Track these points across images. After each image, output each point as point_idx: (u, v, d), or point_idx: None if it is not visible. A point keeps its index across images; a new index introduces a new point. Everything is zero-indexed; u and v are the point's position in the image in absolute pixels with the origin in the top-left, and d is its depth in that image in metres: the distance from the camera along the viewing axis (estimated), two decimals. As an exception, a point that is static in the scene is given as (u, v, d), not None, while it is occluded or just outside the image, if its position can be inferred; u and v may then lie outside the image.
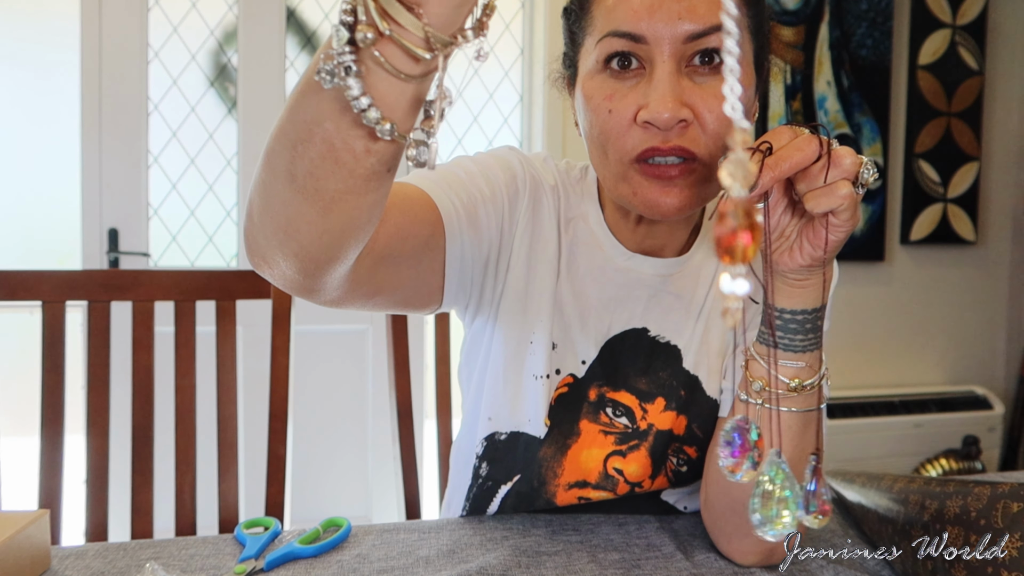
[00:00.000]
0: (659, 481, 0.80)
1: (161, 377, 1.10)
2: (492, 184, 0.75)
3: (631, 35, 0.64)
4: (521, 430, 0.79)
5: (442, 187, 0.71)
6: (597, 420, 0.79)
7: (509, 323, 0.78)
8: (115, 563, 0.72)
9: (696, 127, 0.64)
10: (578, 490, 0.80)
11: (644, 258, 0.78)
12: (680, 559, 0.72)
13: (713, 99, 0.63)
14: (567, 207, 0.79)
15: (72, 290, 1.05)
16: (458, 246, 0.72)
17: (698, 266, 0.80)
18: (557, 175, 0.81)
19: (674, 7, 0.62)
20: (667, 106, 0.62)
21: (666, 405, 0.79)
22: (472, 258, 0.74)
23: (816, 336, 0.61)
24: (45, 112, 2.26)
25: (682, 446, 0.79)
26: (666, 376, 0.79)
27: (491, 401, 0.81)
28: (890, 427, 2.49)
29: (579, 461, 0.79)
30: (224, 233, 2.27)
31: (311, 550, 0.73)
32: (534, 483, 0.81)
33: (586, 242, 0.79)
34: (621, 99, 0.65)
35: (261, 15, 2.23)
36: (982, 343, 2.82)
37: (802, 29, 2.50)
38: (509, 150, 0.80)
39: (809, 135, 0.54)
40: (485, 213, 0.74)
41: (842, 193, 0.53)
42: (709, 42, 0.63)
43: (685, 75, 0.64)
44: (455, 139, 2.41)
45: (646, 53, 0.64)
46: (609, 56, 0.65)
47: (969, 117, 2.68)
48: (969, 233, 2.70)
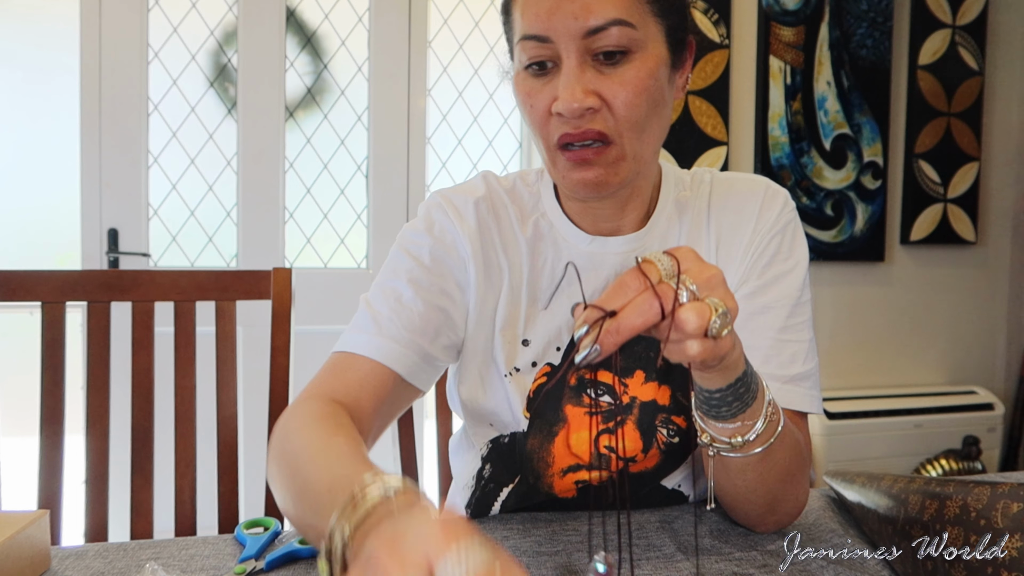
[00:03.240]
0: (652, 455, 0.81)
1: (161, 377, 1.10)
2: (431, 269, 0.80)
3: (538, 37, 0.70)
4: (513, 430, 0.82)
5: (400, 338, 0.75)
6: (581, 403, 0.80)
7: (477, 339, 0.83)
8: (115, 563, 0.72)
9: (605, 111, 0.70)
10: (573, 474, 0.81)
11: (605, 239, 0.82)
12: (680, 559, 0.72)
13: (619, 86, 0.70)
14: (521, 209, 0.84)
15: (72, 290, 1.05)
16: (430, 373, 0.79)
17: (661, 236, 0.83)
18: (507, 183, 0.86)
19: (569, 7, 0.68)
20: (574, 96, 0.68)
21: (646, 377, 0.80)
22: (446, 353, 0.81)
23: (740, 402, 0.62)
24: (45, 112, 2.26)
25: (670, 416, 0.80)
26: (641, 349, 0.80)
27: (486, 408, 0.83)
28: (890, 427, 2.49)
29: (569, 446, 0.80)
30: (224, 233, 2.27)
31: (311, 550, 0.73)
32: (530, 479, 0.81)
33: (547, 235, 0.83)
34: (538, 94, 0.72)
35: (261, 15, 2.23)
36: (982, 343, 2.82)
37: (802, 29, 2.50)
38: (439, 204, 0.84)
39: (650, 297, 0.52)
40: (438, 318, 0.79)
41: (691, 353, 0.53)
42: (610, 36, 0.68)
43: (592, 67, 0.70)
44: (455, 139, 2.41)
45: (555, 51, 0.70)
46: (527, 63, 0.72)
47: (969, 117, 2.67)
48: (969, 233, 2.70)
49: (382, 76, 2.32)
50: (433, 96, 2.39)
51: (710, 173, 0.87)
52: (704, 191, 0.85)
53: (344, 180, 2.34)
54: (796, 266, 0.81)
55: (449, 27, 2.39)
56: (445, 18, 2.39)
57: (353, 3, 2.31)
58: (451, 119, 2.41)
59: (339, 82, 2.32)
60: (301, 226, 2.32)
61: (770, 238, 0.81)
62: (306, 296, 2.23)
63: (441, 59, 2.39)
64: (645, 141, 0.73)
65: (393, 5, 2.32)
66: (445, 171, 2.42)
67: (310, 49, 2.30)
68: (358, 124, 2.34)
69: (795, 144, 2.52)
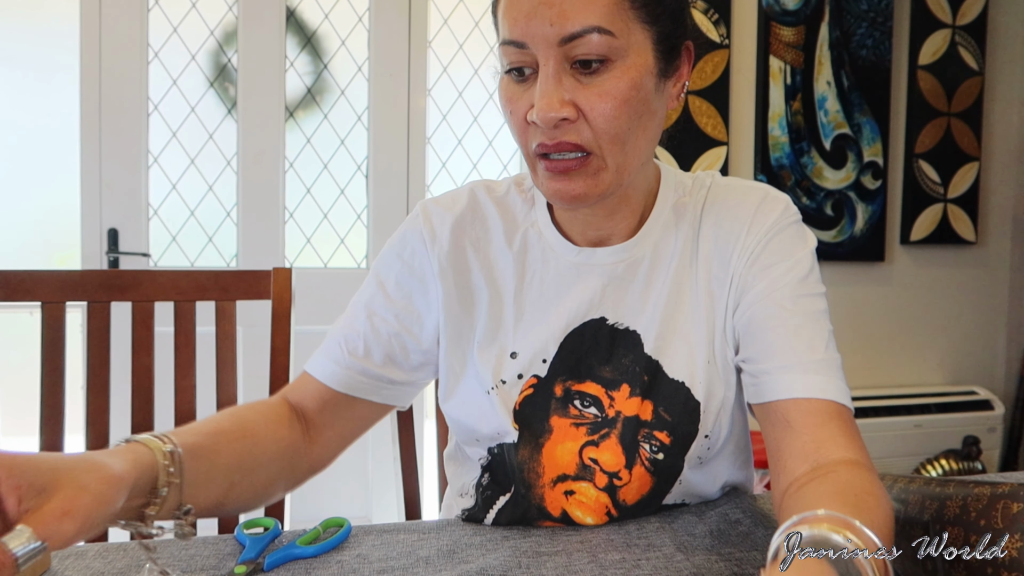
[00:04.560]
0: (638, 474, 0.79)
1: (161, 377, 1.10)
2: (394, 296, 0.84)
3: (515, 42, 0.68)
4: (500, 441, 0.82)
5: (341, 361, 0.82)
6: (567, 414, 0.80)
7: (454, 357, 0.83)
8: (115, 563, 0.72)
9: (582, 123, 0.68)
10: (562, 484, 0.80)
11: (593, 250, 0.80)
12: (680, 559, 0.72)
13: (597, 97, 0.67)
14: (511, 222, 0.84)
15: (72, 290, 1.05)
16: (385, 390, 0.84)
17: (651, 249, 0.81)
18: (500, 191, 0.86)
19: (546, 13, 0.66)
20: (550, 106, 0.67)
21: (631, 391, 0.79)
22: (407, 373, 0.84)
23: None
24: (45, 112, 2.26)
25: (652, 432, 0.79)
26: (628, 362, 0.79)
27: (470, 423, 0.83)
28: (890, 427, 2.49)
29: (555, 456, 0.80)
30: (224, 233, 2.27)
31: (311, 550, 0.73)
32: (522, 489, 0.81)
33: (536, 247, 0.82)
34: (517, 101, 0.71)
35: (261, 15, 2.23)
36: (982, 343, 2.82)
37: (802, 29, 2.50)
38: (416, 221, 0.86)
39: None
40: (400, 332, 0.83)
41: None
42: (589, 44, 0.66)
43: (570, 75, 0.68)
44: (455, 139, 2.41)
45: (533, 58, 0.68)
46: (507, 68, 0.71)
47: (969, 117, 2.68)
48: (969, 233, 2.70)
49: (382, 76, 2.32)
50: (433, 96, 2.39)
51: (711, 178, 0.84)
52: (701, 196, 0.82)
53: (344, 180, 2.34)
54: (796, 260, 0.77)
55: (449, 27, 2.39)
56: (445, 18, 2.39)
57: (353, 3, 2.31)
58: (451, 119, 2.41)
59: (339, 82, 2.32)
60: (301, 226, 2.32)
61: (766, 241, 0.78)
62: (306, 296, 2.23)
63: (441, 59, 2.39)
64: (629, 152, 0.71)
65: (393, 5, 2.32)
66: (445, 171, 2.42)
67: (310, 49, 2.30)
68: (358, 124, 2.34)
69: (795, 144, 2.52)
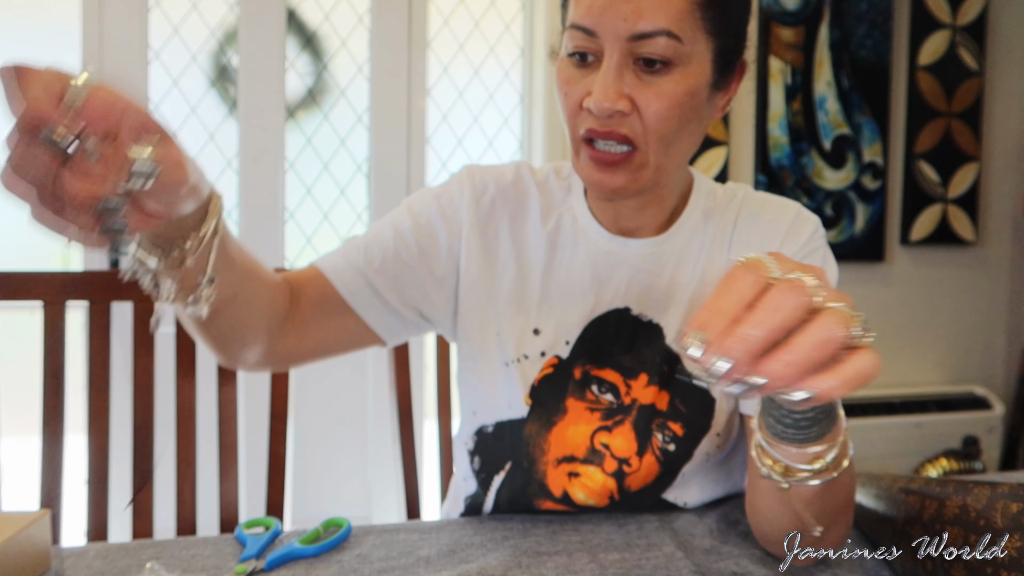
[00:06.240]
0: (647, 462, 0.80)
1: (161, 377, 1.10)
2: (423, 228, 0.85)
3: (585, 29, 0.70)
4: (503, 418, 0.82)
5: (353, 263, 0.82)
6: (583, 397, 0.81)
7: (472, 324, 0.84)
8: (116, 563, 0.72)
9: (635, 117, 0.71)
10: (567, 465, 0.81)
11: (624, 239, 0.83)
12: (680, 559, 0.72)
13: (653, 96, 0.70)
14: (549, 203, 0.86)
15: (72, 290, 1.05)
16: (376, 311, 0.83)
17: (680, 247, 0.83)
18: (541, 176, 0.89)
19: (622, 7, 0.68)
20: (606, 96, 0.69)
21: (649, 380, 0.80)
22: (402, 304, 0.84)
23: (829, 419, 0.54)
24: (45, 112, 2.26)
25: (666, 421, 0.80)
26: (649, 353, 0.81)
27: (472, 395, 0.85)
28: (890, 427, 2.49)
29: (565, 437, 0.81)
30: (224, 233, 2.27)
31: (312, 550, 0.73)
32: (524, 464, 0.82)
33: (569, 229, 0.85)
34: (575, 84, 0.73)
35: (261, 16, 2.23)
36: (982, 343, 2.82)
37: (802, 29, 2.50)
38: (462, 177, 0.88)
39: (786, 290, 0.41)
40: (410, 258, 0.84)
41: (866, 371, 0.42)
42: (656, 44, 0.68)
43: (632, 71, 0.70)
44: (455, 140, 2.41)
45: (599, 46, 0.70)
46: (571, 51, 0.73)
47: (969, 117, 2.68)
48: (969, 233, 2.70)
49: (382, 76, 2.32)
50: (433, 96, 2.39)
51: (743, 190, 0.87)
52: (734, 206, 0.85)
53: (344, 180, 2.34)
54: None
55: (449, 27, 2.39)
56: (445, 18, 2.39)
57: (353, 3, 2.31)
58: (451, 119, 2.41)
59: (339, 82, 2.32)
60: (301, 226, 2.32)
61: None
62: (306, 296, 2.22)
63: (441, 59, 2.39)
64: (671, 154, 0.74)
65: (393, 5, 2.32)
66: (445, 171, 2.42)
67: (310, 49, 2.30)
68: (358, 124, 2.34)
69: (795, 144, 2.52)
